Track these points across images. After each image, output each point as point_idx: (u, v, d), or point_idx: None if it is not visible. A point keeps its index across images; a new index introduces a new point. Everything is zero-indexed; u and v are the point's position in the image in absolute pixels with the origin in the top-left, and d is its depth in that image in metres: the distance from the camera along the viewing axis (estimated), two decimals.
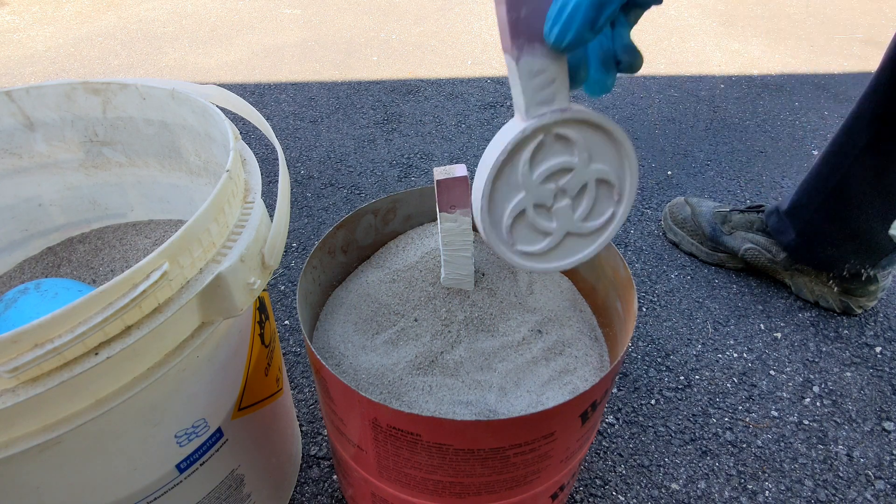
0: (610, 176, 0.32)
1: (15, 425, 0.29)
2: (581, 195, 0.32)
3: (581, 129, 0.30)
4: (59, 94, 0.49)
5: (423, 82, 1.54)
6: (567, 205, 0.32)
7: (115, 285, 0.29)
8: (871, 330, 0.84)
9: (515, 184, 0.30)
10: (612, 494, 0.63)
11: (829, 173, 0.78)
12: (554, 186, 0.31)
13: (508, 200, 0.31)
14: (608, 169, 0.31)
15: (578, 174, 0.31)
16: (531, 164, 0.30)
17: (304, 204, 1.08)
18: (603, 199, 0.33)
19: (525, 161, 0.29)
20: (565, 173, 0.31)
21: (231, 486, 0.47)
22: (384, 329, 0.49)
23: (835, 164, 0.77)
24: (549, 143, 0.29)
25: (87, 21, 1.94)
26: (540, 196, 0.31)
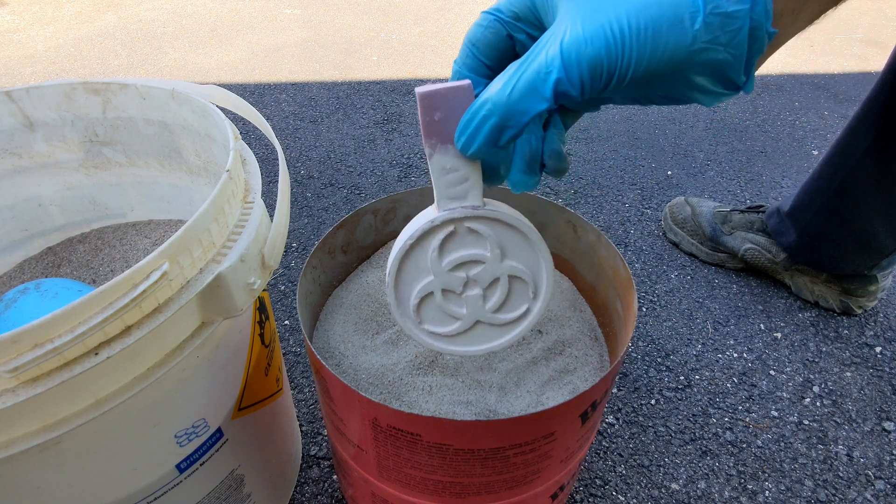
0: (524, 273, 0.32)
1: (15, 425, 0.29)
2: (493, 287, 0.32)
3: (494, 225, 0.30)
4: (59, 94, 0.49)
5: (423, 82, 1.54)
6: (478, 294, 0.32)
7: (115, 285, 0.29)
8: (871, 330, 0.84)
9: (424, 267, 0.31)
10: (612, 494, 0.63)
11: (831, 175, 0.78)
12: (464, 275, 0.32)
13: (417, 281, 0.32)
14: (522, 267, 0.32)
15: (490, 268, 0.32)
16: (440, 252, 0.31)
17: (304, 204, 1.08)
18: (517, 294, 0.33)
19: (434, 248, 0.30)
20: (476, 264, 0.31)
21: (231, 486, 0.47)
22: (384, 329, 0.49)
23: (837, 165, 0.77)
24: (460, 233, 0.30)
25: (87, 21, 1.94)
26: (448, 283, 0.32)
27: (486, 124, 0.26)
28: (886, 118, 0.69)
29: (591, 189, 1.13)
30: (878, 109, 0.70)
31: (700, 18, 0.24)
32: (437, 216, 0.29)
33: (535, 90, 0.25)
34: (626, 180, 1.16)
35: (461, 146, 0.27)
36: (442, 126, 0.27)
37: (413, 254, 0.31)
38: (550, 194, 1.11)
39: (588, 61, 0.24)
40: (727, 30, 0.24)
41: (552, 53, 0.24)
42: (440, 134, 0.27)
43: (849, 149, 0.75)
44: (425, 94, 0.26)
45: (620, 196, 1.11)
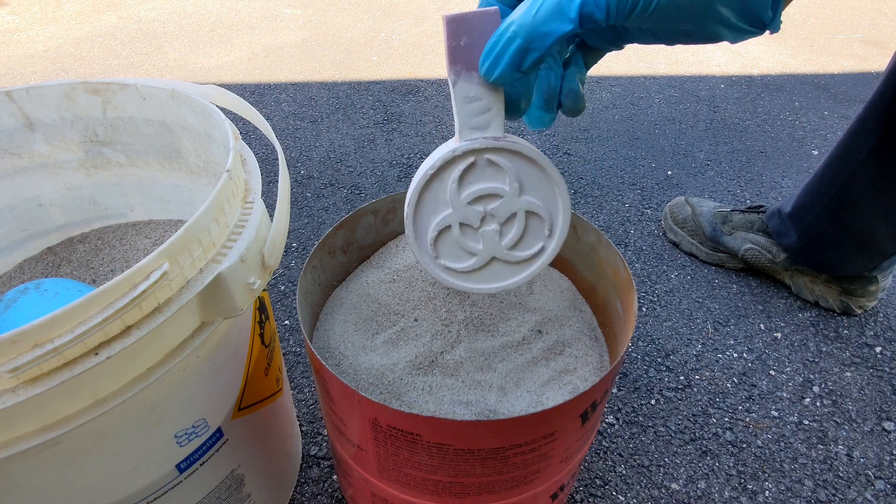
0: (541, 210, 0.32)
1: (15, 425, 0.29)
2: (510, 223, 0.32)
3: (514, 159, 0.30)
4: (59, 94, 0.49)
5: (423, 82, 1.54)
6: (494, 229, 0.32)
7: (115, 285, 0.29)
8: (871, 330, 0.84)
9: (443, 200, 0.31)
10: (612, 494, 0.63)
11: (832, 177, 0.78)
12: (482, 209, 0.32)
13: (435, 214, 0.31)
14: (539, 203, 0.32)
15: (508, 202, 0.31)
16: (460, 184, 0.31)
17: (304, 204, 1.08)
18: (533, 231, 0.33)
19: (454, 179, 0.30)
20: (495, 199, 0.31)
21: (231, 486, 0.47)
22: (384, 329, 0.49)
23: (839, 168, 0.77)
24: (480, 166, 0.30)
25: (87, 21, 1.94)
26: (466, 216, 0.32)
27: (510, 46, 0.26)
28: (888, 122, 0.69)
29: (591, 189, 1.13)
30: (880, 113, 0.70)
31: None
32: (458, 146, 0.29)
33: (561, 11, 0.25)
34: (626, 180, 1.16)
35: (485, 70, 0.27)
36: (467, 52, 0.27)
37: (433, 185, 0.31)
38: None
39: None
40: None
41: None
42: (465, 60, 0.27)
43: (850, 151, 0.75)
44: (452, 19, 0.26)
45: (620, 196, 1.11)
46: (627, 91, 1.50)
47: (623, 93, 1.49)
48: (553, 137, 1.30)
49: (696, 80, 1.56)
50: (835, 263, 0.82)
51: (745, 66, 1.64)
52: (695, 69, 1.63)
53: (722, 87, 1.53)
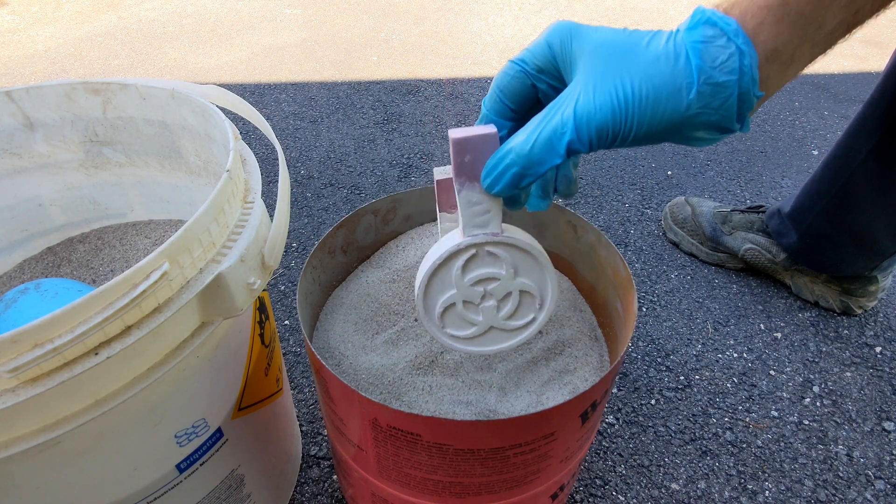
0: (532, 289, 0.37)
1: (15, 425, 0.29)
2: (506, 299, 0.37)
3: (509, 249, 0.35)
4: (59, 94, 0.49)
5: (423, 82, 1.54)
6: (493, 305, 0.37)
7: (115, 285, 0.29)
8: (871, 330, 0.84)
9: (449, 283, 0.36)
10: (612, 494, 0.63)
11: (832, 178, 0.78)
12: (482, 289, 0.37)
13: (441, 294, 0.36)
14: (531, 283, 0.37)
15: (504, 284, 0.36)
16: (463, 270, 0.35)
17: (304, 204, 1.08)
18: (525, 305, 0.38)
19: (458, 267, 0.35)
20: (493, 280, 0.36)
21: (231, 486, 0.47)
22: (384, 329, 0.49)
23: (839, 168, 0.77)
24: (481, 255, 0.35)
25: (87, 21, 1.94)
26: (469, 295, 0.37)
27: (508, 171, 0.30)
28: (888, 122, 0.69)
29: (591, 189, 1.13)
30: (879, 113, 0.70)
31: (695, 89, 0.28)
32: (462, 241, 0.34)
33: (552, 147, 0.29)
34: (626, 180, 1.16)
35: (486, 186, 0.32)
36: (470, 167, 0.31)
37: (440, 271, 0.36)
38: None
39: (596, 127, 0.28)
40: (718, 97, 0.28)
41: (566, 116, 0.29)
42: (469, 174, 0.32)
43: (850, 152, 0.75)
44: (458, 140, 0.30)
45: (620, 196, 1.11)
46: None
47: None
48: None
49: None
50: (835, 263, 0.82)
51: None
52: None
53: None
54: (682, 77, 0.28)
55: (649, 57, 0.28)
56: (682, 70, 0.28)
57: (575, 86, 0.29)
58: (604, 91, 0.28)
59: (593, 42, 0.29)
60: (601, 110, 0.28)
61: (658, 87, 0.28)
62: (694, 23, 0.28)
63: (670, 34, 0.29)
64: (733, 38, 0.27)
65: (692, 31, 0.28)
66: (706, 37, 0.28)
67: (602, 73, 0.28)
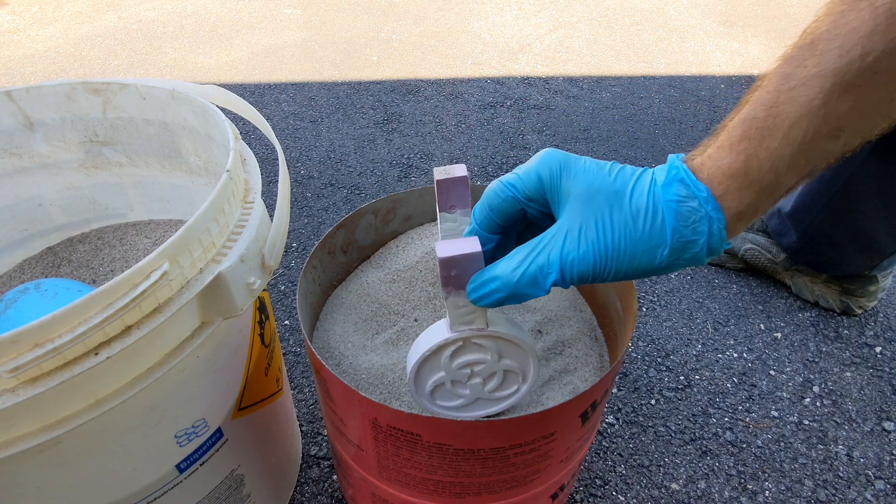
0: (516, 368, 0.40)
1: (15, 425, 0.29)
2: (491, 377, 0.41)
3: (494, 340, 0.38)
4: (59, 94, 0.49)
5: (423, 82, 1.54)
6: (479, 382, 0.41)
7: (115, 285, 0.29)
8: (871, 330, 0.84)
9: (438, 367, 0.39)
10: (612, 494, 0.63)
11: (832, 177, 0.78)
12: (469, 371, 0.40)
13: (431, 375, 0.40)
14: (514, 364, 0.40)
15: (490, 366, 0.40)
16: (451, 357, 0.39)
17: (304, 204, 1.08)
18: (510, 380, 0.41)
19: (447, 355, 0.38)
20: (479, 364, 0.40)
21: (231, 486, 0.47)
22: (384, 329, 0.49)
23: (839, 167, 0.77)
24: (467, 345, 0.38)
25: (87, 21, 1.94)
26: (457, 376, 0.40)
27: (493, 296, 0.34)
28: None
29: None
30: None
31: (668, 247, 0.31)
32: (450, 336, 0.37)
33: (536, 282, 0.33)
34: None
35: (471, 299, 0.35)
36: (456, 279, 0.34)
37: (429, 360, 0.39)
38: None
39: (578, 273, 0.32)
40: (688, 251, 0.32)
41: (553, 258, 0.32)
42: (455, 284, 0.35)
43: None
44: (445, 260, 0.33)
45: None
46: (627, 91, 1.50)
47: (623, 93, 1.50)
48: (553, 137, 1.30)
49: (697, 80, 1.56)
50: (835, 263, 0.82)
51: (746, 66, 1.64)
52: (695, 69, 1.63)
53: (722, 87, 1.53)
54: (658, 236, 0.31)
55: (631, 211, 0.31)
56: (658, 229, 0.31)
57: (562, 226, 0.32)
58: (587, 241, 0.32)
59: (580, 185, 0.32)
60: (584, 259, 0.32)
61: (636, 242, 0.31)
62: (669, 178, 0.31)
63: (651, 185, 0.32)
64: (703, 205, 0.31)
65: (668, 188, 0.31)
66: (680, 196, 0.31)
67: (587, 221, 0.32)
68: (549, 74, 1.59)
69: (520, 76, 1.58)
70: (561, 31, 1.87)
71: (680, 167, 0.32)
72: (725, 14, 2.01)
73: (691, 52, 1.73)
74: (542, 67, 1.63)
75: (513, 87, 1.53)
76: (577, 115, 1.39)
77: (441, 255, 0.33)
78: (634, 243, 0.31)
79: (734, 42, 1.79)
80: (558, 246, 0.32)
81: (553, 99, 1.46)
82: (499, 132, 1.32)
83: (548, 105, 1.44)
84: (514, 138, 1.30)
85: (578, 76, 1.58)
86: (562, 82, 1.55)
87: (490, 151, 1.25)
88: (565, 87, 1.53)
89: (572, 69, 1.62)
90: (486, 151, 1.25)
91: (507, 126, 1.34)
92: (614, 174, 0.32)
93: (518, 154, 1.24)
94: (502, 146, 1.27)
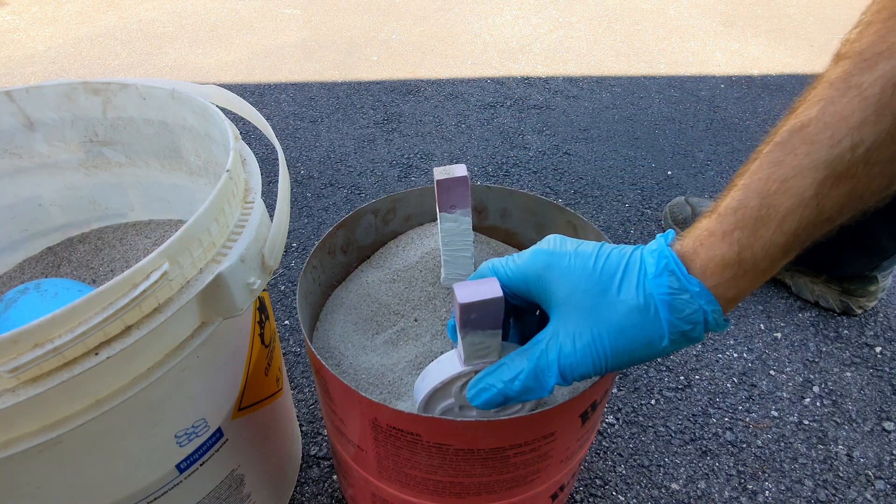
0: None
1: (15, 425, 0.29)
2: None
3: None
4: (59, 94, 0.49)
5: (423, 82, 1.54)
6: None
7: (115, 285, 0.29)
8: (871, 330, 0.84)
9: (448, 395, 0.39)
10: (612, 494, 0.63)
11: None
12: None
13: (441, 402, 0.40)
14: None
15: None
16: (462, 387, 0.39)
17: (304, 204, 1.08)
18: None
19: (458, 385, 0.39)
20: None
21: (231, 486, 0.47)
22: (384, 329, 0.49)
23: None
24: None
25: (87, 21, 1.94)
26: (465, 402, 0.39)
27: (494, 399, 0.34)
28: None
29: (591, 189, 1.13)
30: None
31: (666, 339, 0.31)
32: (464, 369, 0.37)
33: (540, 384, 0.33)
34: (626, 180, 1.16)
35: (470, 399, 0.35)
36: (476, 322, 0.34)
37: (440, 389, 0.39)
38: (551, 194, 1.11)
39: (580, 374, 0.32)
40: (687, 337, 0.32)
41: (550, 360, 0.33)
42: (474, 326, 0.34)
43: None
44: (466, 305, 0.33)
45: (620, 196, 1.11)
46: (627, 91, 1.50)
47: (623, 93, 1.50)
48: (553, 137, 1.30)
49: (696, 80, 1.56)
50: (835, 263, 0.82)
51: (745, 66, 1.64)
52: (695, 69, 1.63)
53: (722, 87, 1.53)
54: (654, 330, 0.31)
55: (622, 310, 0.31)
56: (653, 323, 0.31)
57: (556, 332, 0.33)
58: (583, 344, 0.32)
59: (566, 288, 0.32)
60: (583, 362, 0.32)
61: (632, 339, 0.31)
62: (660, 269, 0.31)
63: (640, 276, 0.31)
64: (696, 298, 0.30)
65: (658, 281, 0.31)
66: (672, 289, 0.30)
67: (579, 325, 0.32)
68: (549, 74, 1.59)
69: (520, 76, 1.58)
70: (561, 31, 1.87)
71: (670, 257, 0.31)
72: (725, 14, 2.01)
73: (691, 52, 1.73)
74: (542, 67, 1.63)
75: (513, 87, 1.53)
76: (577, 115, 1.39)
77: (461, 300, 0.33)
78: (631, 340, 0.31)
79: (734, 42, 1.79)
80: (554, 350, 0.33)
81: (553, 99, 1.46)
82: (499, 132, 1.32)
83: (548, 105, 1.44)
84: (514, 138, 1.29)
85: (578, 76, 1.58)
86: (562, 82, 1.55)
87: (490, 151, 1.25)
88: (565, 87, 1.53)
89: (572, 69, 1.62)
90: (486, 151, 1.25)
91: (507, 126, 1.34)
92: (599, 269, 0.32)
93: (518, 154, 1.24)
94: (502, 146, 1.27)
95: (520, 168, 1.19)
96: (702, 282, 0.30)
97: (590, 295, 0.32)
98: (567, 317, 0.32)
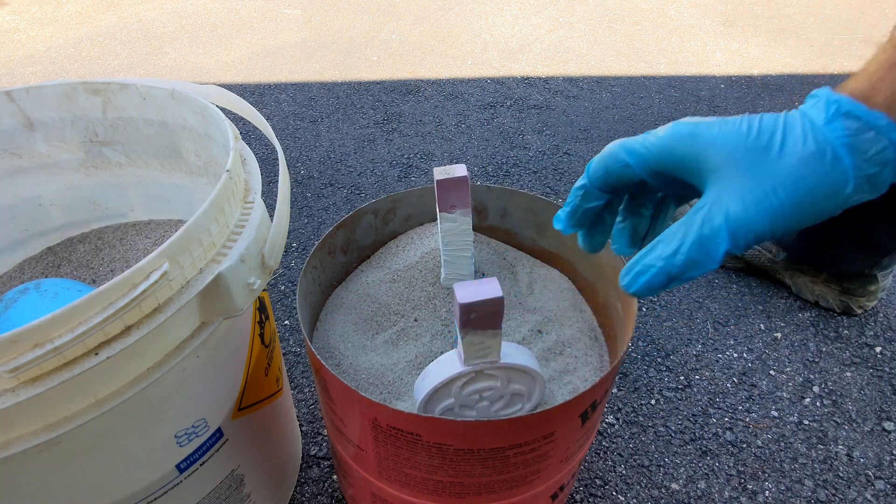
0: (522, 391, 0.41)
1: (15, 425, 0.29)
2: (498, 400, 0.42)
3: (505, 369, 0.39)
4: (59, 94, 0.49)
5: (423, 82, 1.54)
6: (486, 404, 0.42)
7: (115, 285, 0.29)
8: (871, 330, 0.84)
9: (448, 395, 0.40)
10: (612, 494, 0.63)
11: None
12: (478, 396, 0.41)
13: (441, 402, 0.40)
14: (522, 388, 0.41)
15: (498, 391, 0.41)
16: (462, 387, 0.39)
17: (304, 204, 1.08)
18: (515, 401, 0.42)
19: (458, 385, 0.39)
20: (488, 390, 0.40)
21: (231, 486, 0.47)
22: (384, 329, 0.49)
23: None
24: (479, 376, 0.39)
25: (87, 21, 1.94)
26: (466, 402, 0.41)
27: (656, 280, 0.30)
28: None
29: None
30: None
31: (852, 184, 0.28)
32: (464, 370, 0.38)
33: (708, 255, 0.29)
34: None
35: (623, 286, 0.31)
36: (477, 322, 0.34)
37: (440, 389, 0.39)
38: (551, 194, 1.11)
39: (756, 234, 0.28)
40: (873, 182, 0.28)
41: (717, 225, 0.29)
42: (475, 326, 0.34)
43: None
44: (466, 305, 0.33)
45: None
46: (627, 91, 1.50)
47: (623, 93, 1.50)
48: (553, 137, 1.30)
49: (697, 80, 1.56)
50: (835, 262, 0.82)
51: (745, 66, 1.64)
52: (695, 69, 1.63)
53: (722, 87, 1.53)
54: (838, 176, 0.28)
55: (793, 160, 0.28)
56: (835, 170, 0.28)
57: (717, 195, 0.29)
58: (754, 199, 0.28)
59: (723, 151, 0.29)
60: (758, 220, 0.28)
61: (812, 188, 0.28)
62: (829, 116, 0.28)
63: (804, 128, 0.28)
64: (886, 132, 0.27)
65: (832, 126, 0.28)
66: (851, 131, 0.28)
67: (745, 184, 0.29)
68: (549, 74, 1.59)
69: (520, 76, 1.58)
70: (561, 31, 1.87)
71: (841, 100, 0.28)
72: (725, 14, 2.01)
73: (691, 52, 1.73)
74: (542, 67, 1.63)
75: (513, 87, 1.53)
76: (577, 115, 1.39)
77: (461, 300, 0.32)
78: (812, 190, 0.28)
79: (734, 42, 1.79)
80: (720, 214, 0.29)
81: (553, 99, 1.46)
82: (499, 132, 1.32)
83: (548, 105, 1.44)
84: (514, 138, 1.29)
85: (578, 76, 1.58)
86: (562, 82, 1.55)
87: (490, 151, 1.25)
88: (565, 87, 1.53)
89: (572, 69, 1.62)
90: (486, 151, 1.25)
91: (507, 126, 1.34)
92: (756, 129, 0.29)
93: (518, 154, 1.24)
94: (502, 146, 1.27)
95: (520, 168, 1.19)
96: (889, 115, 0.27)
97: (752, 152, 0.29)
98: (727, 179, 0.29)
